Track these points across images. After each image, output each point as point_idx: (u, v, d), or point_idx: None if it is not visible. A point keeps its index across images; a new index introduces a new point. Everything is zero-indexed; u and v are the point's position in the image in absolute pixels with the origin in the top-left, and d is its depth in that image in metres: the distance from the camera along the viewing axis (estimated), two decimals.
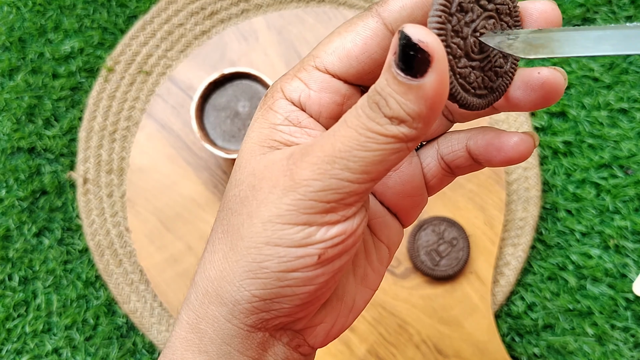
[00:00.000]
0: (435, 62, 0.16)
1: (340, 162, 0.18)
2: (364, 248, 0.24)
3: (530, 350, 0.57)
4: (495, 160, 0.21)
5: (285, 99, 0.21)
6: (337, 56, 0.20)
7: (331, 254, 0.19)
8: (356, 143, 0.17)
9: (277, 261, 0.19)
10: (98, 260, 0.57)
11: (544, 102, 0.20)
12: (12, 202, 0.58)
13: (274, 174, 0.19)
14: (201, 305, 0.21)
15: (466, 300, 0.55)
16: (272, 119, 0.20)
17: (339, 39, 0.20)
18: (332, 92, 0.20)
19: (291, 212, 0.19)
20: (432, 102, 0.16)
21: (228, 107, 0.55)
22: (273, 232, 0.19)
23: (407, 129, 0.17)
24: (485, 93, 0.19)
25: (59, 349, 0.57)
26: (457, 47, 0.18)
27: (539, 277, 0.58)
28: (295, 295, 0.20)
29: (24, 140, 0.59)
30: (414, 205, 0.24)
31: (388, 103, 0.17)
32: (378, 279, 0.24)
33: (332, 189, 0.18)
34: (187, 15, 0.60)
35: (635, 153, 0.59)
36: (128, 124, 0.59)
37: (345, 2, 0.60)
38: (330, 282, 0.20)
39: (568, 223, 0.58)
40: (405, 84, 0.16)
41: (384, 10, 0.19)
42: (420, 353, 0.55)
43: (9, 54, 0.60)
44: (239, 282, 0.20)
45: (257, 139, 0.21)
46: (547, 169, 0.59)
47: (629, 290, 0.57)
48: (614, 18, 0.60)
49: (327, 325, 0.23)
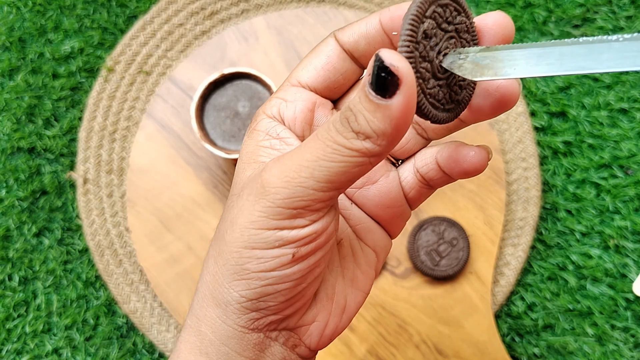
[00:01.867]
0: (404, 85, 0.17)
1: (306, 171, 0.19)
2: (351, 251, 0.25)
3: (530, 351, 0.57)
4: (454, 172, 0.23)
5: (266, 117, 0.23)
6: (307, 70, 0.23)
7: (304, 252, 0.21)
8: (322, 153, 0.19)
9: (256, 262, 0.21)
10: (98, 260, 0.57)
11: (501, 105, 0.22)
12: (12, 202, 0.58)
13: (252, 183, 0.21)
14: (200, 309, 0.23)
15: (466, 301, 0.55)
16: (255, 138, 0.23)
17: (308, 60, 0.23)
18: (304, 100, 0.23)
19: (262, 218, 0.20)
20: (397, 122, 0.18)
21: (228, 107, 0.55)
22: (249, 237, 0.21)
23: (371, 144, 0.18)
24: (453, 107, 0.21)
25: (59, 349, 0.57)
26: (425, 71, 0.20)
27: (539, 277, 0.58)
28: (278, 292, 0.21)
29: (24, 140, 0.59)
30: (394, 216, 0.26)
31: (357, 119, 0.18)
32: (368, 281, 0.26)
33: (298, 196, 0.20)
34: (187, 16, 0.60)
35: (635, 153, 0.59)
36: (128, 124, 0.59)
37: (345, 2, 0.60)
38: (308, 277, 0.22)
39: (568, 223, 0.58)
40: (375, 103, 0.18)
41: (340, 34, 0.23)
42: (420, 353, 0.55)
43: (9, 54, 0.60)
44: (227, 284, 0.22)
45: (245, 158, 0.23)
46: (547, 169, 0.59)
47: (629, 291, 0.57)
48: (614, 18, 0.60)
49: (320, 325, 0.24)
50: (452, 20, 0.20)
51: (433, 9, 0.20)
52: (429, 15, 0.19)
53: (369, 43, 0.22)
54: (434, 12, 0.20)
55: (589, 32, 0.60)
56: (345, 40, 0.23)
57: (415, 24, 0.19)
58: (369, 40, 0.22)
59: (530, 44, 0.18)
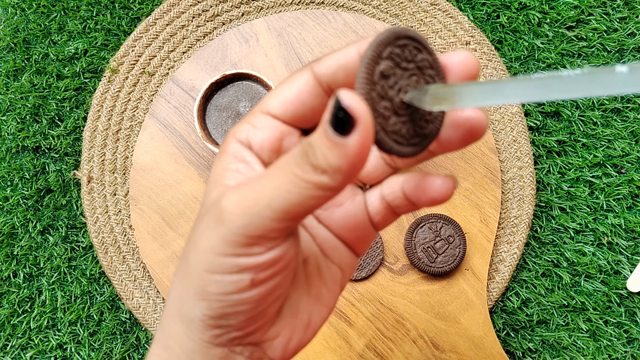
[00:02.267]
0: (360, 125, 0.18)
1: (263, 201, 0.20)
2: (317, 269, 0.26)
3: (525, 346, 0.57)
4: (421, 200, 0.24)
5: (235, 141, 0.23)
6: (277, 101, 0.23)
7: (263, 277, 0.21)
8: (280, 184, 0.20)
9: (216, 286, 0.21)
10: (102, 257, 0.58)
11: (471, 136, 0.22)
12: (18, 200, 0.59)
13: (213, 208, 0.22)
14: (168, 324, 0.24)
15: (462, 296, 0.56)
16: (224, 160, 0.23)
17: (281, 88, 0.23)
18: (272, 129, 0.23)
19: (220, 245, 0.21)
20: (353, 159, 0.18)
21: (230, 108, 0.55)
22: (209, 262, 0.21)
23: (327, 179, 0.19)
24: (419, 140, 0.22)
25: (64, 345, 0.58)
26: (385, 109, 0.20)
27: (534, 273, 0.58)
28: (239, 313, 0.22)
29: (29, 140, 0.60)
30: (359, 238, 0.26)
31: (315, 154, 0.19)
32: (333, 297, 0.26)
33: (254, 225, 0.20)
34: (189, 17, 0.61)
35: (628, 152, 0.59)
36: (131, 124, 0.60)
37: (344, 5, 0.61)
38: (268, 299, 0.22)
39: (562, 221, 0.59)
40: (332, 140, 0.18)
41: (316, 66, 0.22)
42: (417, 348, 0.55)
43: (13, 55, 0.61)
44: (192, 303, 0.22)
45: (212, 179, 0.23)
46: (541, 167, 0.60)
47: (623, 287, 0.58)
48: (608, 19, 0.61)
49: (283, 339, 0.24)
50: (413, 58, 0.21)
51: (390, 50, 0.20)
52: (385, 57, 0.20)
53: (348, 75, 0.22)
54: (390, 53, 0.20)
55: (583, 34, 0.61)
56: (323, 73, 0.22)
57: (370, 67, 0.20)
58: (347, 72, 0.22)
59: (484, 82, 0.19)
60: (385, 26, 0.60)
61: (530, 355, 0.57)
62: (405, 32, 0.21)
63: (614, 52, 0.61)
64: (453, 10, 0.60)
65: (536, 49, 0.61)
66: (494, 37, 0.61)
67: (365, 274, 0.56)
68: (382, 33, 0.20)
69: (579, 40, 0.61)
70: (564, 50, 0.61)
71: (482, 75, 0.60)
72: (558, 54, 0.61)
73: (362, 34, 0.60)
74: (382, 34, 0.20)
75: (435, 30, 0.61)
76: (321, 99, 0.23)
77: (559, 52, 0.61)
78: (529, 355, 0.57)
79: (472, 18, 0.62)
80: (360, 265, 0.56)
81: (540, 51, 0.61)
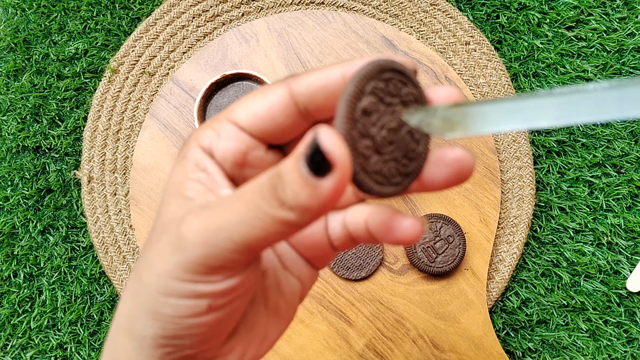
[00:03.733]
0: (337, 170, 0.17)
1: (224, 233, 0.19)
2: (275, 281, 0.25)
3: (525, 345, 0.57)
4: (385, 238, 0.23)
5: (198, 146, 0.22)
6: (246, 113, 0.21)
7: (220, 303, 0.21)
8: (244, 217, 0.19)
9: (171, 308, 0.20)
10: (102, 257, 0.58)
11: (458, 177, 0.21)
12: (18, 200, 0.59)
13: (171, 230, 0.20)
14: (117, 337, 0.23)
15: (462, 296, 0.56)
16: (185, 166, 0.22)
17: (252, 99, 0.22)
18: (237, 142, 0.22)
19: (177, 270, 0.20)
20: (324, 202, 0.17)
21: None
22: (165, 285, 0.20)
23: (294, 216, 0.18)
24: (401, 180, 0.20)
25: (64, 344, 0.58)
26: (366, 148, 0.19)
27: (534, 273, 0.58)
28: (194, 334, 0.21)
29: (29, 140, 0.60)
30: (317, 256, 0.25)
31: (284, 189, 0.18)
32: (291, 310, 0.25)
33: (213, 256, 0.19)
34: (190, 18, 0.61)
35: (627, 152, 0.59)
36: (132, 124, 0.60)
37: (344, 5, 0.61)
38: (224, 321, 0.22)
39: (562, 220, 0.59)
40: (305, 179, 0.17)
41: (294, 83, 0.21)
42: (417, 347, 0.55)
43: (14, 55, 0.61)
44: (144, 321, 0.21)
45: (172, 188, 0.22)
46: (541, 167, 0.60)
47: (622, 287, 0.58)
48: (608, 20, 0.61)
49: (237, 354, 0.24)
50: (398, 92, 0.20)
51: (373, 85, 0.19)
52: (368, 92, 0.19)
53: (327, 97, 0.21)
54: (374, 88, 0.19)
55: (582, 34, 0.61)
56: (301, 92, 0.21)
57: (352, 103, 0.18)
58: (327, 94, 0.21)
59: (501, 99, 0.17)
60: (385, 27, 0.60)
61: (530, 355, 0.57)
62: (390, 65, 0.19)
63: (614, 52, 0.61)
64: (453, 10, 0.61)
65: (536, 49, 0.61)
66: (493, 38, 0.61)
67: (365, 274, 0.56)
68: (365, 66, 0.19)
69: (579, 41, 0.61)
70: (563, 51, 0.61)
71: (481, 76, 0.60)
72: (558, 54, 0.61)
73: (361, 34, 0.60)
74: (365, 67, 0.19)
75: (435, 30, 0.61)
76: (294, 119, 0.21)
77: (559, 52, 0.61)
78: (529, 355, 0.57)
79: (472, 18, 0.62)
80: (360, 265, 0.56)
81: (540, 51, 0.61)
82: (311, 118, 0.22)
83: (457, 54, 0.61)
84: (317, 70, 0.21)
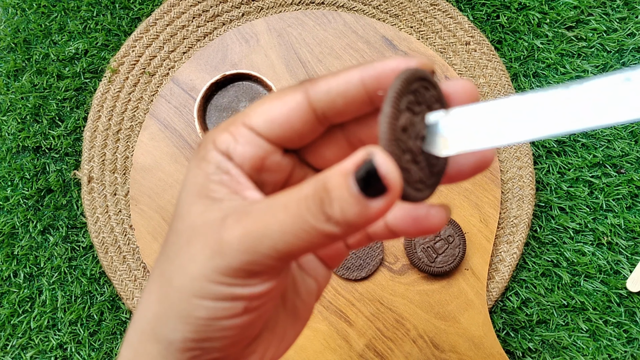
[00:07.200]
0: (390, 194, 0.17)
1: (269, 242, 0.19)
2: (293, 281, 0.25)
3: (525, 345, 0.57)
4: (411, 231, 0.23)
5: (215, 149, 0.22)
6: (263, 119, 0.21)
7: (255, 305, 0.21)
8: (290, 228, 0.19)
9: (206, 311, 0.21)
10: (102, 257, 0.58)
11: (483, 163, 0.21)
12: (18, 200, 0.59)
13: (207, 234, 0.20)
14: (139, 343, 0.23)
15: (462, 296, 0.56)
16: (205, 169, 0.22)
17: (269, 104, 0.21)
18: (255, 147, 0.21)
19: (216, 275, 0.20)
20: (371, 220, 0.18)
21: (230, 108, 0.56)
22: (201, 288, 0.20)
23: (339, 230, 0.18)
24: (435, 180, 0.21)
25: (64, 344, 0.58)
26: (407, 163, 0.19)
27: (534, 273, 0.58)
28: (225, 337, 0.21)
29: (29, 140, 0.60)
30: (332, 255, 0.26)
31: (332, 204, 0.18)
32: (308, 310, 0.26)
33: (254, 262, 0.20)
34: (190, 18, 0.61)
35: (627, 152, 0.59)
36: (132, 124, 0.60)
37: (344, 5, 0.61)
38: (255, 323, 0.22)
39: (562, 220, 0.59)
40: (356, 198, 0.17)
41: (312, 89, 0.21)
42: (417, 347, 0.56)
43: (14, 55, 0.61)
44: (173, 325, 0.21)
45: (193, 189, 0.22)
46: (541, 167, 0.60)
47: (622, 287, 0.58)
48: (608, 20, 0.61)
49: (258, 356, 0.24)
50: (424, 99, 0.20)
51: (406, 101, 0.19)
52: (404, 109, 0.19)
53: (347, 103, 0.21)
54: (408, 103, 0.19)
55: (582, 34, 0.61)
56: (320, 98, 0.21)
57: (392, 124, 0.19)
58: (346, 100, 0.20)
59: (501, 100, 0.18)
60: (385, 27, 0.60)
61: (530, 355, 0.57)
62: (415, 74, 0.20)
63: (614, 52, 0.61)
64: (453, 10, 0.61)
65: (536, 49, 0.61)
66: (493, 38, 0.61)
67: (365, 274, 0.56)
68: (395, 82, 0.19)
69: (579, 41, 0.61)
70: (563, 51, 0.61)
71: (481, 76, 0.60)
72: (558, 54, 0.61)
73: (362, 34, 0.60)
74: (396, 84, 0.19)
75: (435, 30, 0.61)
76: (311, 124, 0.21)
77: (559, 52, 0.61)
78: (529, 355, 0.57)
79: (472, 18, 0.62)
80: (360, 265, 0.56)
81: (540, 51, 0.61)
82: (328, 122, 0.22)
83: (457, 54, 0.61)
84: (335, 75, 0.21)
